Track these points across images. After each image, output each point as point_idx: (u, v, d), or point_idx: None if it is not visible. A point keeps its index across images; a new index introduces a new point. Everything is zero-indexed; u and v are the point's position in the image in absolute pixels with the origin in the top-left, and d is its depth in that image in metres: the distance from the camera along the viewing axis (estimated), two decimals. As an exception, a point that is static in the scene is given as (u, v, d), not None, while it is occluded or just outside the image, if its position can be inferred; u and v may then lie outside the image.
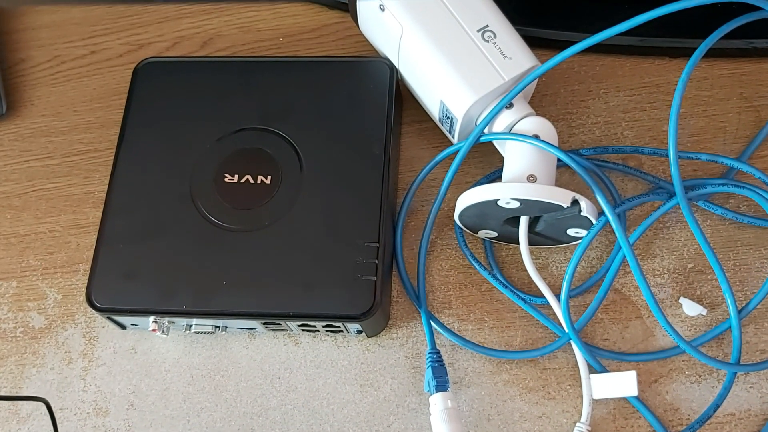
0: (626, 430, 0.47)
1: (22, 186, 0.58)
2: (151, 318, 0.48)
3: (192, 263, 0.48)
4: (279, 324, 0.48)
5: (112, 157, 0.53)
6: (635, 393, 0.45)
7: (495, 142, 0.51)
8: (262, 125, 0.52)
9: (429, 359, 0.48)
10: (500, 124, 0.49)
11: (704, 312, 0.49)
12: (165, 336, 0.49)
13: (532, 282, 0.49)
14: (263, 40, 0.62)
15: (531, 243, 0.49)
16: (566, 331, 0.48)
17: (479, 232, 0.51)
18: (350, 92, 0.53)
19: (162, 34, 0.63)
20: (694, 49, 0.47)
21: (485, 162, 0.54)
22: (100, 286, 0.48)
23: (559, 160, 0.49)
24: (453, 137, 0.52)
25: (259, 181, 0.50)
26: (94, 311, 0.48)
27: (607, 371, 0.47)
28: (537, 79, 0.49)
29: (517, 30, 0.49)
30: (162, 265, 0.48)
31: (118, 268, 0.49)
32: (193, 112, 0.53)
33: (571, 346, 0.48)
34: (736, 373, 0.47)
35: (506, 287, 0.50)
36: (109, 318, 0.49)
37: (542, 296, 0.49)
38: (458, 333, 0.50)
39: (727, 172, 0.52)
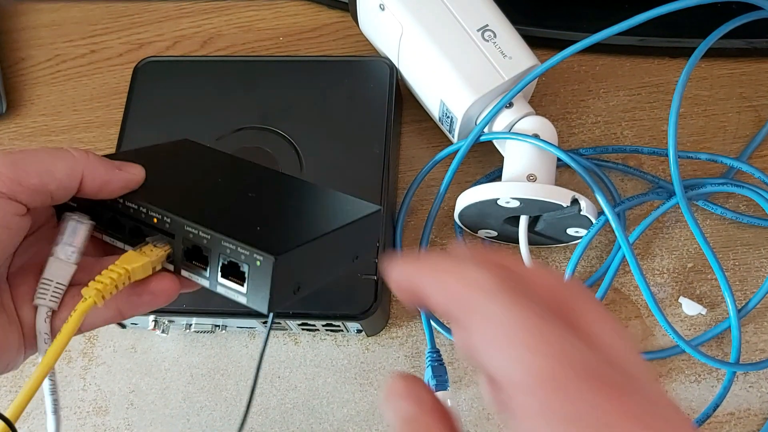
0: (626, 430, 0.47)
1: (22, 185, 0.58)
2: (151, 317, 0.48)
3: (192, 262, 0.48)
4: (279, 323, 0.48)
5: (112, 156, 0.53)
6: (635, 392, 0.45)
7: (495, 142, 0.51)
8: (262, 124, 0.52)
9: (428, 358, 0.48)
10: (500, 123, 0.49)
11: (704, 311, 0.49)
12: (165, 335, 0.49)
13: (531, 281, 0.49)
14: (263, 39, 0.62)
15: (531, 242, 0.49)
16: (566, 330, 0.48)
17: (479, 232, 0.51)
18: (350, 92, 0.53)
19: (162, 34, 0.63)
20: (694, 49, 0.47)
21: (485, 161, 0.54)
22: (100, 285, 0.48)
23: (558, 159, 0.49)
24: (453, 136, 0.53)
25: (259, 181, 0.50)
26: (94, 310, 0.48)
27: (607, 370, 0.47)
28: (537, 79, 0.49)
29: (517, 29, 0.49)
30: (162, 264, 0.48)
31: (118, 267, 0.48)
32: (193, 111, 0.53)
33: (570, 345, 0.48)
34: (735, 372, 0.47)
35: (506, 286, 0.50)
36: (109, 317, 0.49)
37: (542, 295, 0.49)
38: (458, 332, 0.50)
39: (727, 172, 0.52)
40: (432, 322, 0.50)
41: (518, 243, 0.48)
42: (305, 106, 0.53)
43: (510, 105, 0.49)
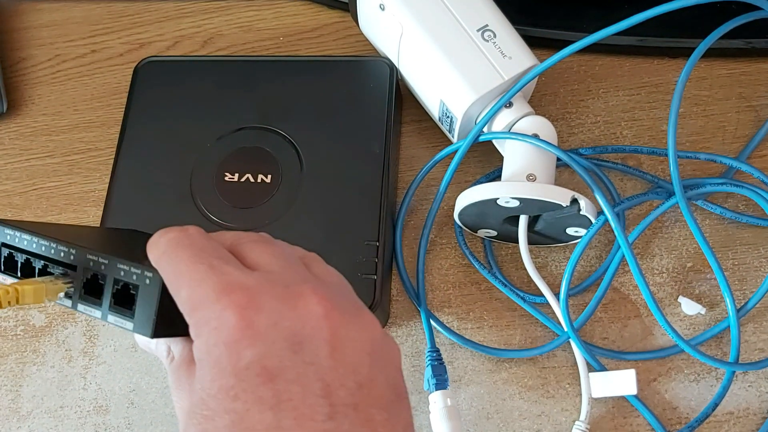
0: (625, 429, 0.47)
1: (22, 184, 0.58)
2: (152, 316, 0.48)
3: (192, 262, 0.48)
4: (279, 322, 0.48)
5: (113, 156, 0.53)
6: (634, 392, 0.45)
7: (494, 141, 0.51)
8: (262, 124, 0.52)
9: (428, 357, 0.48)
10: (500, 123, 0.49)
11: (703, 311, 0.49)
12: (165, 334, 0.50)
13: (531, 281, 0.49)
14: (263, 39, 0.62)
15: (530, 242, 0.49)
16: (565, 329, 0.48)
17: (479, 231, 0.51)
18: (350, 91, 0.53)
19: (162, 33, 0.63)
20: (694, 49, 0.47)
21: (485, 161, 0.55)
22: (100, 285, 0.48)
23: (558, 159, 0.49)
24: (453, 136, 0.53)
25: (259, 180, 0.51)
26: (94, 309, 0.48)
27: (606, 370, 0.47)
28: (536, 79, 0.49)
29: (517, 29, 0.49)
30: (162, 264, 0.48)
31: (118, 266, 0.49)
32: (193, 111, 0.53)
33: (570, 344, 0.49)
34: (734, 371, 0.47)
35: (505, 286, 0.51)
36: (109, 316, 0.49)
37: (541, 295, 0.49)
38: (457, 332, 0.50)
39: (726, 172, 0.52)
40: (432, 322, 0.50)
41: (518, 242, 0.48)
42: (305, 105, 0.53)
43: (509, 105, 0.49)
